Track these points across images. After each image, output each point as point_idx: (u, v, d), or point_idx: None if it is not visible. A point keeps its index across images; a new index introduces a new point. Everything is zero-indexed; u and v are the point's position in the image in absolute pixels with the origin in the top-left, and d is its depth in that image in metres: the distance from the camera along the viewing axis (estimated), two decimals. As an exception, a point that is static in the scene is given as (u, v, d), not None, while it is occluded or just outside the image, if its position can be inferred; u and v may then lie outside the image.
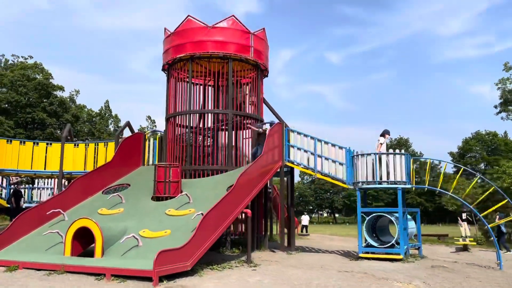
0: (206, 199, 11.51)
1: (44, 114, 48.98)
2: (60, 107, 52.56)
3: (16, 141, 16.14)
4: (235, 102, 14.06)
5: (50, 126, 50.22)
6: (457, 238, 17.76)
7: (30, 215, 11.50)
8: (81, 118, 56.54)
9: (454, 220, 65.91)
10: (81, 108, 59.61)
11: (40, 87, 48.90)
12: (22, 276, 8.19)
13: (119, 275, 7.92)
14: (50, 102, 50.80)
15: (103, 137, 56.15)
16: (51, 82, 52.39)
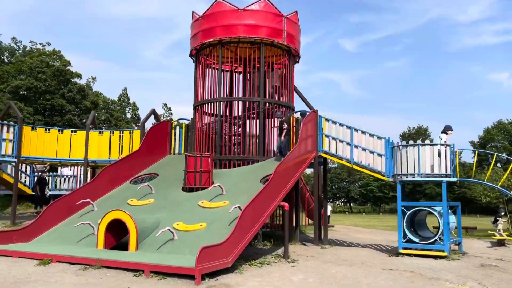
0: (240, 191, 11.07)
1: (63, 101, 49.01)
2: (79, 94, 52.54)
3: (41, 128, 15.85)
4: (267, 89, 13.48)
5: (69, 113, 50.25)
6: (491, 232, 17.10)
7: (59, 205, 11.19)
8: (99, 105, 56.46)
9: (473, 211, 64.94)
10: (98, 95, 59.61)
11: (58, 73, 48.80)
12: (56, 271, 7.84)
13: (158, 272, 7.51)
14: (69, 89, 50.80)
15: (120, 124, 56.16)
16: (69, 69, 52.35)
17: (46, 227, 10.78)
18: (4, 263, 8.40)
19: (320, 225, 13.78)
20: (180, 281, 7.21)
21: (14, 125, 14.94)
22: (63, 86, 50.34)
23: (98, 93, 60.29)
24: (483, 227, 26.57)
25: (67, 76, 50.99)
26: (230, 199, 10.60)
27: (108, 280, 7.26)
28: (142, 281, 7.23)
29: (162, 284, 7.07)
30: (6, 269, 7.91)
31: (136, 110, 61.60)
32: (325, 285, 7.51)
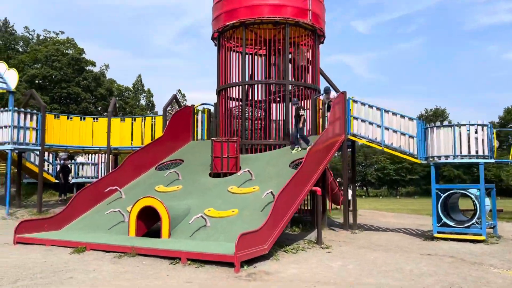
0: (269, 176, 10.83)
1: (79, 89, 49.17)
2: (94, 82, 52.67)
3: (63, 116, 15.75)
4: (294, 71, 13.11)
5: (84, 101, 50.42)
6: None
7: (88, 193, 11.10)
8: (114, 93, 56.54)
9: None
10: (111, 83, 59.66)
11: (74, 62, 48.83)
12: (92, 259, 7.73)
13: (195, 259, 7.34)
14: (84, 76, 50.93)
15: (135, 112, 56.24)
16: (84, 57, 52.42)
17: (75, 215, 10.71)
18: (38, 252, 8.33)
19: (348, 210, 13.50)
20: (218, 269, 7.03)
21: (37, 114, 14.85)
22: (78, 74, 50.44)
23: (112, 81, 60.39)
24: (508, 209, 26.11)
25: (82, 65, 51.09)
26: (260, 185, 10.37)
27: (145, 268, 7.12)
28: (179, 269, 7.08)
29: (200, 272, 6.90)
30: (42, 257, 7.82)
31: (150, 97, 61.65)
32: (366, 272, 7.27)
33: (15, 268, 6.85)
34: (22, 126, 14.33)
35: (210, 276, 6.63)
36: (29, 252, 8.38)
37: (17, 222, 13.00)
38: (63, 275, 6.46)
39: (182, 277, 6.56)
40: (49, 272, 6.58)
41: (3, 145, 14.22)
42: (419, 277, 6.95)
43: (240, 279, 6.55)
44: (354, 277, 6.88)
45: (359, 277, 6.86)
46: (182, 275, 6.68)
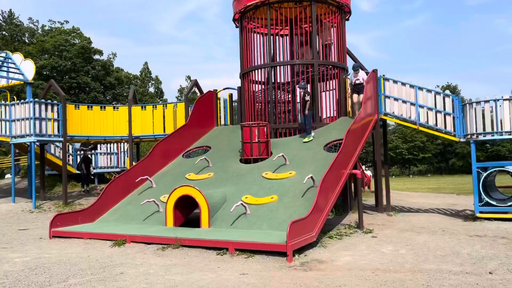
0: (304, 160, 10.50)
1: (88, 78, 48.92)
2: (103, 71, 52.41)
3: (84, 106, 15.45)
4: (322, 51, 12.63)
5: (93, 90, 50.18)
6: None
7: (118, 184, 10.88)
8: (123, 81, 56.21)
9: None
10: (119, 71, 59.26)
11: (83, 51, 48.38)
12: (134, 252, 7.49)
13: (244, 249, 7.07)
14: (93, 66, 50.63)
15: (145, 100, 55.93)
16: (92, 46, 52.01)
17: (107, 206, 10.49)
18: (78, 246, 8.11)
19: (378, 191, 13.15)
20: (269, 259, 6.76)
21: (58, 104, 14.56)
22: (86, 64, 50.11)
23: (119, 69, 60.02)
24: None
25: (90, 54, 50.72)
26: (295, 170, 10.05)
27: (193, 260, 6.86)
28: (228, 259, 6.81)
29: (252, 262, 6.63)
30: (83, 252, 7.60)
31: (159, 84, 61.30)
32: (422, 257, 6.97)
33: (60, 264, 6.62)
34: (44, 118, 14.06)
35: (263, 267, 6.35)
36: (68, 246, 8.17)
37: (44, 215, 12.89)
38: (113, 270, 6.21)
39: (235, 268, 6.29)
40: (97, 268, 6.34)
41: (25, 137, 13.97)
42: (480, 261, 6.63)
43: (295, 269, 6.26)
44: (411, 263, 6.58)
45: (417, 263, 6.56)
46: (234, 266, 6.42)
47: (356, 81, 12.06)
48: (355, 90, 12.11)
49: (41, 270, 6.28)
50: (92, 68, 50.10)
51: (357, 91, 12.01)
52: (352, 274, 5.96)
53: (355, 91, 12.11)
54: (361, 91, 11.80)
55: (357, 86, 12.01)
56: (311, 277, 5.80)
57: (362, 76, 12.09)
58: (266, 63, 12.98)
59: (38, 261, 6.87)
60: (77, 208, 14.35)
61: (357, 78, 12.05)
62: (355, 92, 12.08)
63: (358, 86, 11.99)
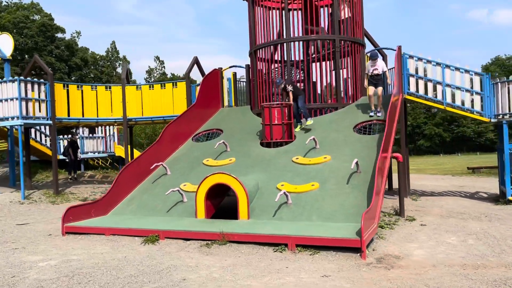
0: (334, 143, 9.73)
1: (52, 59, 46.10)
2: (68, 50, 49.62)
3: (73, 85, 13.99)
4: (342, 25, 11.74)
5: (59, 71, 47.41)
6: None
7: (130, 171, 9.78)
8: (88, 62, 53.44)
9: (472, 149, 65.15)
10: (84, 51, 56.29)
11: (44, 28, 45.40)
12: (176, 250, 6.54)
13: (305, 245, 6.27)
14: (56, 45, 47.75)
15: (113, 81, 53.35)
16: (55, 23, 49.04)
17: (121, 197, 9.41)
18: (103, 244, 7.06)
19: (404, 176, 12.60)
20: (338, 256, 5.99)
21: (46, 83, 13.09)
22: (49, 43, 47.18)
23: (85, 49, 57.06)
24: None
25: (53, 32, 47.75)
26: (330, 154, 9.27)
27: (251, 259, 6.00)
28: (292, 257, 5.99)
29: (322, 261, 5.84)
30: (114, 252, 6.57)
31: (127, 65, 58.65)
32: (496, 248, 6.41)
33: (101, 269, 5.59)
34: (30, 98, 12.59)
35: (339, 266, 5.58)
36: (91, 245, 7.10)
37: (37, 207, 11.61)
38: (171, 276, 5.26)
39: (308, 268, 5.48)
40: (150, 274, 5.36)
41: (9, 120, 12.48)
42: None
43: (376, 267, 5.53)
44: (492, 255, 5.99)
45: (498, 256, 5.97)
46: (304, 266, 5.61)
47: (374, 71, 10.46)
48: (372, 82, 10.49)
49: (83, 278, 5.24)
50: (56, 48, 47.22)
51: (375, 83, 10.46)
52: (444, 272, 5.29)
53: (372, 82, 10.49)
54: (379, 83, 10.43)
55: (375, 77, 10.47)
56: (406, 277, 5.08)
57: (382, 66, 10.59)
58: (282, 38, 11.99)
59: (70, 266, 5.81)
60: (70, 198, 13.10)
61: (375, 67, 10.47)
62: (372, 84, 10.47)
63: (376, 78, 10.46)
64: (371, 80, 10.53)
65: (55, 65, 46.22)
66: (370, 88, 10.49)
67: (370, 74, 10.53)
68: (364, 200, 7.51)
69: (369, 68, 10.62)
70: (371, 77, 10.53)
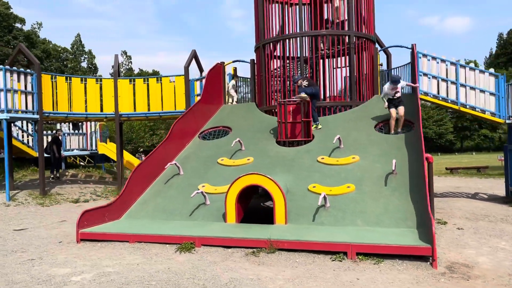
0: (359, 143, 9.32)
1: (9, 49, 43.49)
2: (27, 41, 47.07)
3: (61, 77, 12.89)
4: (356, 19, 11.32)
5: (17, 63, 44.75)
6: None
7: (142, 171, 8.97)
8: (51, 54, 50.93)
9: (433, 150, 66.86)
10: (45, 43, 53.63)
11: (1, 18, 42.76)
12: (220, 260, 5.89)
13: (366, 253, 5.79)
14: (14, 35, 45.17)
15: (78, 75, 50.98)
16: (12, 12, 46.43)
17: (132, 199, 8.60)
18: (133, 253, 6.29)
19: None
20: (406, 265, 5.55)
21: (32, 74, 11.96)
22: (7, 33, 44.59)
23: (46, 41, 54.39)
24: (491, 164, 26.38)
25: (11, 21, 45.15)
26: (356, 153, 8.85)
27: (311, 269, 5.45)
28: (355, 267, 5.49)
29: (390, 270, 5.38)
30: (148, 262, 5.84)
31: (93, 59, 56.25)
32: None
33: (152, 284, 4.87)
34: (16, 90, 11.45)
35: (413, 277, 5.13)
36: (119, 253, 6.31)
37: (26, 209, 10.57)
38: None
39: (384, 280, 5.01)
40: None
41: (-8, 113, 11.31)
42: None
43: (453, 277, 5.13)
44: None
45: None
46: (376, 277, 5.13)
47: (397, 94, 9.65)
48: (393, 104, 9.73)
49: (139, 296, 4.53)
50: (13, 38, 44.65)
51: (396, 104, 9.71)
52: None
53: (393, 104, 9.73)
54: (401, 103, 9.67)
55: (397, 99, 9.69)
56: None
57: (401, 86, 9.87)
58: (298, 32, 11.42)
59: (111, 281, 5.04)
60: (58, 199, 12.07)
61: (398, 90, 9.68)
62: (393, 106, 9.70)
63: (398, 99, 9.69)
64: (392, 102, 9.73)
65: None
66: (392, 111, 9.63)
67: (391, 98, 9.71)
68: (409, 203, 7.13)
69: (388, 91, 9.75)
70: (392, 99, 9.73)
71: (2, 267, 5.68)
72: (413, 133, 9.29)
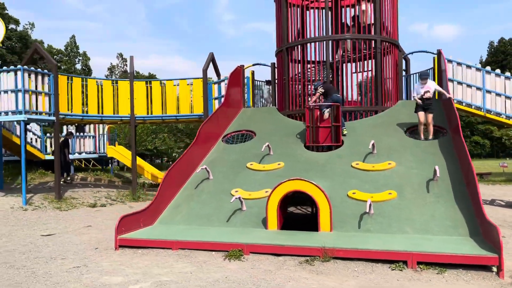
0: (392, 148, 9.17)
1: (3, 50, 42.82)
2: (20, 42, 46.53)
3: (77, 78, 12.60)
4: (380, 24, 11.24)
5: (11, 64, 44.10)
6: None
7: (173, 176, 8.75)
8: (45, 55, 50.14)
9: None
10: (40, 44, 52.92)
11: (-2, 19, 42.00)
12: (274, 268, 5.69)
13: (427, 262, 5.63)
14: (8, 36, 44.46)
15: (71, 76, 50.32)
16: (7, 13, 45.83)
17: (164, 204, 8.36)
18: (180, 261, 6.06)
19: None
20: (471, 275, 5.40)
21: (49, 74, 11.66)
22: (1, 33, 43.76)
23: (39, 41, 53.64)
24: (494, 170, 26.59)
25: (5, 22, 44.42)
26: (390, 159, 8.71)
27: (373, 279, 5.28)
28: (418, 276, 5.34)
29: (456, 280, 5.24)
30: (200, 270, 5.61)
31: (87, 61, 55.61)
32: None
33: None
34: (34, 91, 11.14)
35: (481, 288, 5.00)
36: (165, 261, 6.08)
37: (46, 214, 10.26)
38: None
39: (455, 290, 4.86)
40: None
41: (9, 115, 10.98)
42: None
43: (524, 287, 5.00)
44: None
45: None
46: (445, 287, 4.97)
47: (426, 94, 9.20)
48: (421, 107, 9.29)
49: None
50: (7, 39, 43.96)
51: (425, 108, 9.23)
52: None
53: (421, 107, 9.28)
54: (430, 109, 9.21)
55: (426, 101, 9.25)
56: None
57: (433, 86, 9.44)
58: (324, 35, 11.28)
59: (173, 291, 4.82)
60: (75, 203, 11.75)
61: (426, 90, 9.24)
62: (422, 109, 9.26)
63: (427, 102, 9.24)
64: (421, 104, 9.29)
65: (6, 57, 43.07)
66: (420, 114, 9.26)
67: (420, 98, 9.31)
68: (456, 210, 7.00)
69: (418, 90, 9.40)
70: (422, 100, 9.30)
71: (50, 275, 5.41)
72: (446, 139, 9.19)
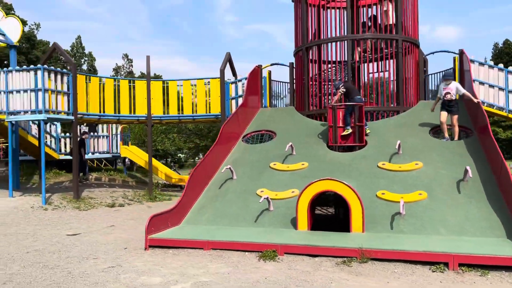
0: (417, 149, 9.07)
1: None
2: (28, 43, 46.60)
3: (95, 78, 12.56)
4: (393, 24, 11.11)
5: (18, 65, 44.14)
6: None
7: (198, 175, 8.69)
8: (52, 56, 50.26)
9: None
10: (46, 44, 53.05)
11: (2, 18, 42.08)
12: (311, 269, 5.61)
13: (468, 264, 5.54)
14: (15, 36, 44.52)
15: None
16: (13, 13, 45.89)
17: (189, 204, 8.30)
18: (214, 261, 5.99)
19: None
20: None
21: (69, 73, 11.62)
22: (8, 34, 43.89)
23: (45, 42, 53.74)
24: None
25: (12, 22, 44.49)
26: (416, 159, 8.61)
27: (415, 280, 5.19)
28: (461, 279, 5.25)
29: (500, 282, 5.14)
30: (236, 271, 5.53)
31: (93, 61, 55.70)
32: None
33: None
34: (53, 90, 11.10)
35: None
36: (199, 261, 6.00)
37: (66, 214, 10.22)
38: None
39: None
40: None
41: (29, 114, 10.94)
42: None
43: None
44: None
45: None
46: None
47: (447, 96, 9.12)
48: (444, 107, 9.21)
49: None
50: (14, 39, 44.09)
51: (448, 109, 9.16)
52: None
53: (444, 107, 9.21)
54: (454, 110, 9.09)
55: (448, 102, 9.14)
56: None
57: (456, 88, 9.25)
58: (344, 35, 11.20)
59: (216, 291, 4.74)
60: (93, 203, 11.71)
61: (448, 91, 9.15)
62: (445, 110, 9.19)
63: (450, 103, 9.13)
64: (444, 105, 9.21)
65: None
66: (443, 113, 9.17)
67: (443, 98, 9.21)
68: (490, 211, 6.90)
69: (441, 91, 9.37)
70: (444, 102, 9.24)
71: (87, 275, 5.34)
72: (472, 139, 9.09)
